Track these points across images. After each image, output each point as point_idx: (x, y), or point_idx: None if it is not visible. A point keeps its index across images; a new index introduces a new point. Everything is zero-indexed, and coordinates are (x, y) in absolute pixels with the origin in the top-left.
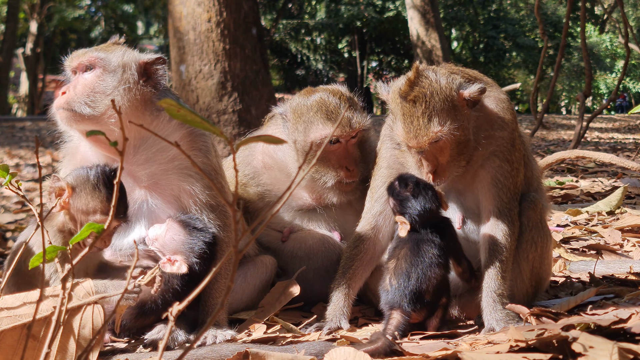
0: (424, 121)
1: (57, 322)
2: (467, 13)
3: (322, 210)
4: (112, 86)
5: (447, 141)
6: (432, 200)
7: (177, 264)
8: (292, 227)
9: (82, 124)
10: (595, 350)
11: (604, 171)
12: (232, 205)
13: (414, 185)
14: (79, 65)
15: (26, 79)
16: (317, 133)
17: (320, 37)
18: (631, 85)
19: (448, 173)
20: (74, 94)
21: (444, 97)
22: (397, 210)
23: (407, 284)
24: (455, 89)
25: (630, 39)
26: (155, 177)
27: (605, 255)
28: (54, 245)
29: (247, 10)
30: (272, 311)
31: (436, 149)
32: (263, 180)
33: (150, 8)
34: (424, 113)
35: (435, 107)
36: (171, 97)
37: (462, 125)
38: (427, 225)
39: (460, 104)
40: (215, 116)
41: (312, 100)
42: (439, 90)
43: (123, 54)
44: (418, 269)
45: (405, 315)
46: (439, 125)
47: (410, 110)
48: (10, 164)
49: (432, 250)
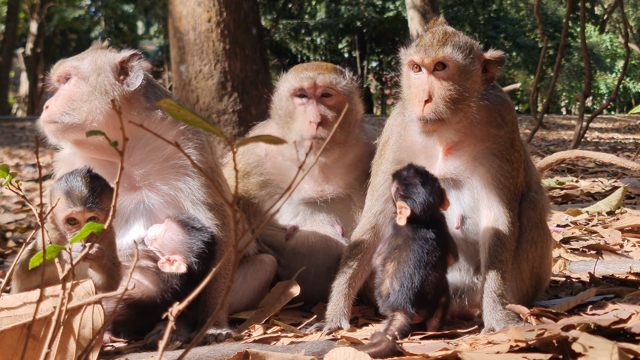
0: (439, 42)
1: (57, 322)
2: (467, 13)
3: (323, 203)
4: (88, 92)
5: (451, 75)
6: (437, 194)
7: (176, 263)
8: (295, 225)
9: (68, 134)
10: (595, 350)
11: (604, 171)
12: (232, 205)
13: (423, 174)
14: (59, 77)
15: (26, 79)
16: (286, 85)
17: (320, 37)
18: (631, 85)
19: (438, 111)
20: (55, 106)
21: (464, 44)
22: (400, 194)
23: (410, 287)
24: (478, 47)
25: (630, 39)
26: (151, 176)
27: (605, 255)
28: (54, 245)
29: (247, 10)
30: (272, 311)
31: (437, 77)
32: (267, 169)
33: (150, 8)
34: (442, 38)
35: (454, 41)
36: (159, 92)
37: (470, 80)
38: (424, 219)
39: (477, 65)
40: (216, 116)
41: (295, 66)
42: (463, 38)
43: (96, 58)
44: (420, 271)
45: (408, 317)
46: (452, 51)
47: (431, 32)
48: (10, 164)
49: (431, 250)
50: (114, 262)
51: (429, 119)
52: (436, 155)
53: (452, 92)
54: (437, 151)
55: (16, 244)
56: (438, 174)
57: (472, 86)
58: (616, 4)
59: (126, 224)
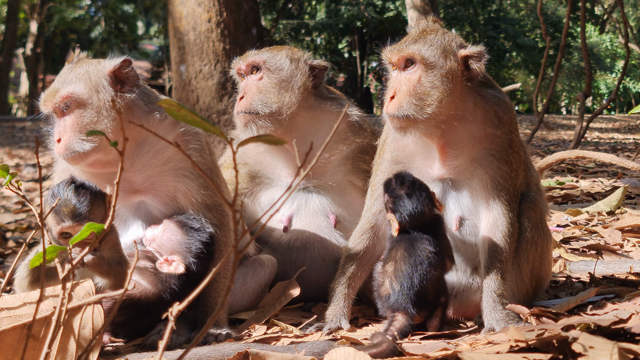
0: (411, 40)
1: (57, 322)
2: (467, 13)
3: (314, 189)
4: (94, 116)
5: (419, 72)
6: (425, 203)
7: (175, 264)
8: (290, 213)
9: (89, 158)
10: (595, 351)
11: (604, 171)
12: (232, 205)
13: (409, 184)
14: (55, 108)
15: (26, 79)
16: (232, 65)
17: (320, 37)
18: (631, 85)
19: (402, 107)
20: (69, 138)
21: (437, 41)
22: (390, 207)
23: (410, 286)
24: (457, 44)
25: (630, 39)
26: (151, 179)
27: (605, 255)
28: (54, 245)
29: (247, 10)
30: (272, 311)
31: (406, 74)
32: (251, 160)
33: (150, 8)
34: (415, 36)
35: (427, 39)
36: (153, 96)
37: (443, 76)
38: (418, 226)
39: (452, 61)
40: (216, 116)
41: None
42: (438, 36)
43: (89, 76)
44: (419, 270)
45: (409, 318)
46: (419, 48)
47: (410, 31)
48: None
49: (428, 249)
50: (121, 261)
51: (393, 115)
52: (434, 156)
53: (419, 88)
54: (433, 151)
55: (16, 244)
56: (436, 174)
57: (447, 83)
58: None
59: (125, 224)
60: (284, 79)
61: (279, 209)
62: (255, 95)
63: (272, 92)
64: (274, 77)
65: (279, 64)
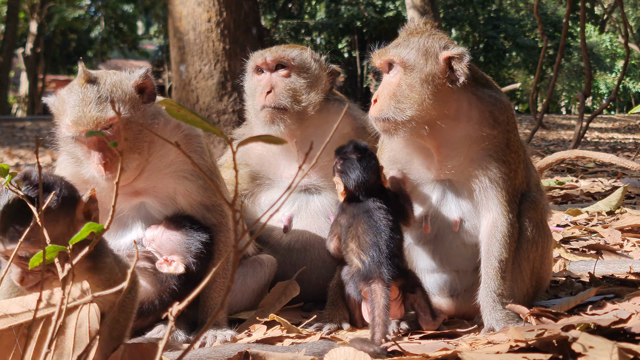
0: (393, 44)
1: (55, 322)
2: (467, 13)
3: (315, 190)
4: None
5: (399, 74)
6: (372, 170)
7: (174, 264)
8: (290, 214)
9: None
10: (595, 350)
11: (604, 171)
12: (232, 205)
13: (362, 150)
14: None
15: (26, 79)
16: (249, 62)
17: (320, 37)
18: (631, 85)
19: (383, 109)
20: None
21: (419, 44)
22: (338, 169)
23: (379, 253)
24: (439, 47)
25: (630, 39)
26: (153, 181)
27: (605, 255)
28: (54, 245)
29: (247, 10)
30: (272, 311)
31: (390, 78)
32: (252, 161)
33: (150, 8)
34: (399, 40)
35: (409, 42)
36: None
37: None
38: (363, 192)
39: (433, 63)
40: (216, 116)
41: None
42: (422, 38)
43: (119, 95)
44: (383, 237)
45: (385, 287)
46: (398, 51)
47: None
48: (10, 164)
49: (385, 216)
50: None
51: (375, 117)
52: (431, 157)
53: (398, 91)
54: (430, 152)
55: None
56: (435, 176)
57: (427, 86)
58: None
59: (124, 225)
60: (311, 79)
61: (279, 208)
62: (284, 91)
63: (301, 90)
64: (303, 76)
65: (306, 64)
